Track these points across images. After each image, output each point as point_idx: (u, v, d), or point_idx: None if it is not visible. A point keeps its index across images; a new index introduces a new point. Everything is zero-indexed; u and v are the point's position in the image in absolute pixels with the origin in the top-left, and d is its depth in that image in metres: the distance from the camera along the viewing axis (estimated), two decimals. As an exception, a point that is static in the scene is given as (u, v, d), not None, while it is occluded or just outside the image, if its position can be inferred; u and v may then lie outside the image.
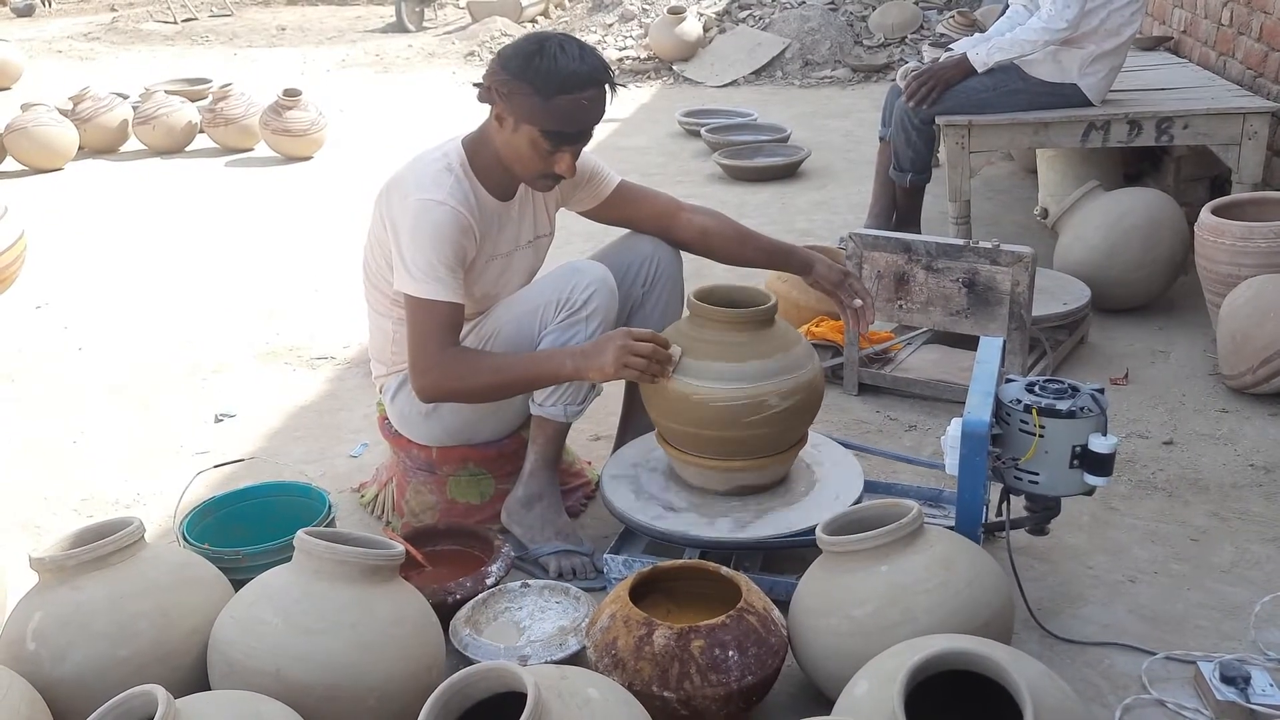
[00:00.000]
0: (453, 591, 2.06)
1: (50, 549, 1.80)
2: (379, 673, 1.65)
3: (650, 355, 2.06)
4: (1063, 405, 1.94)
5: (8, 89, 8.30)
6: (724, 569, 1.88)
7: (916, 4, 8.39)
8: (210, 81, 7.41)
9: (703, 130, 6.04)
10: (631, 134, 6.51)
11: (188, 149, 6.38)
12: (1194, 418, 2.83)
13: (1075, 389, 1.99)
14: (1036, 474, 1.98)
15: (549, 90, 2.04)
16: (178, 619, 1.76)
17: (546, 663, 1.86)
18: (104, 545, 1.77)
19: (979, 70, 3.56)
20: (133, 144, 6.39)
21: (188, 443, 2.93)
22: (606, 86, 2.12)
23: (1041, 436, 1.94)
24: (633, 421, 2.56)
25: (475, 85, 2.18)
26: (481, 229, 2.20)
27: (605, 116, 2.18)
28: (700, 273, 3.42)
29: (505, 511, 2.36)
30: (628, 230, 2.49)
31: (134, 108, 6.39)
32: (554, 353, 2.15)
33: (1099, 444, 1.93)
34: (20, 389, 3.30)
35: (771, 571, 2.16)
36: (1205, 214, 3.13)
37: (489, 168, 2.20)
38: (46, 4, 13.14)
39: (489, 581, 2.11)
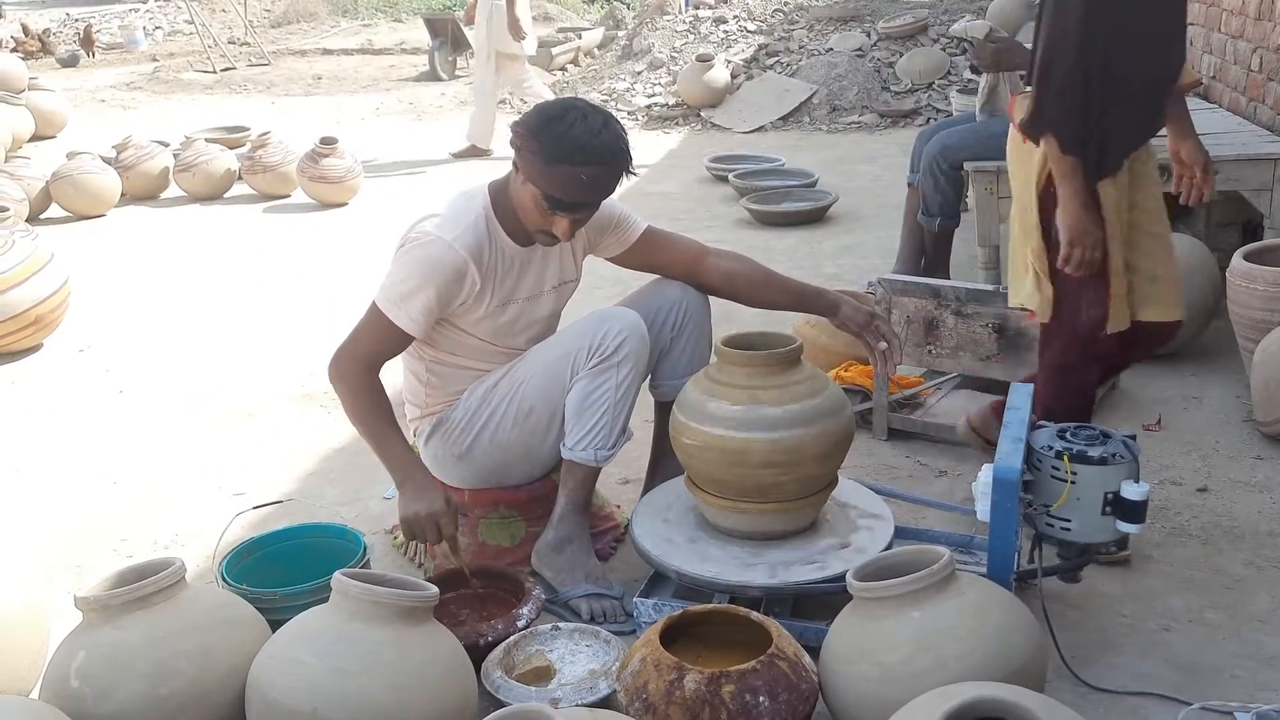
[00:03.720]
0: (484, 634, 2.08)
1: (94, 589, 1.84)
2: (414, 713, 1.67)
3: (425, 544, 2.20)
4: (1094, 452, 1.95)
5: (53, 138, 8.51)
6: (754, 614, 1.89)
7: (944, 50, 8.46)
8: (249, 130, 7.57)
9: (730, 175, 6.10)
10: (660, 179, 6.58)
11: (226, 195, 6.52)
12: (1228, 465, 2.81)
13: (1107, 435, 1.99)
14: (1068, 521, 1.98)
15: (551, 156, 2.08)
16: (217, 659, 1.78)
17: (578, 706, 1.87)
18: (146, 585, 1.80)
19: None
20: (173, 191, 6.54)
21: (225, 484, 2.98)
22: (615, 169, 2.13)
23: (1073, 483, 1.95)
24: (662, 465, 2.58)
25: (510, 127, 2.23)
26: (495, 272, 2.24)
27: (635, 162, 2.20)
28: (729, 317, 3.45)
29: (536, 554, 2.38)
30: (655, 276, 2.53)
31: (175, 155, 6.55)
32: (397, 457, 2.23)
33: (1131, 491, 1.93)
34: (63, 431, 3.37)
35: (801, 617, 2.16)
36: (1237, 260, 3.13)
37: (511, 213, 2.25)
38: (91, 54, 13.49)
39: (520, 624, 2.13)
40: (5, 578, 1.97)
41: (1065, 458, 1.95)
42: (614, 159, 2.12)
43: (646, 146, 7.29)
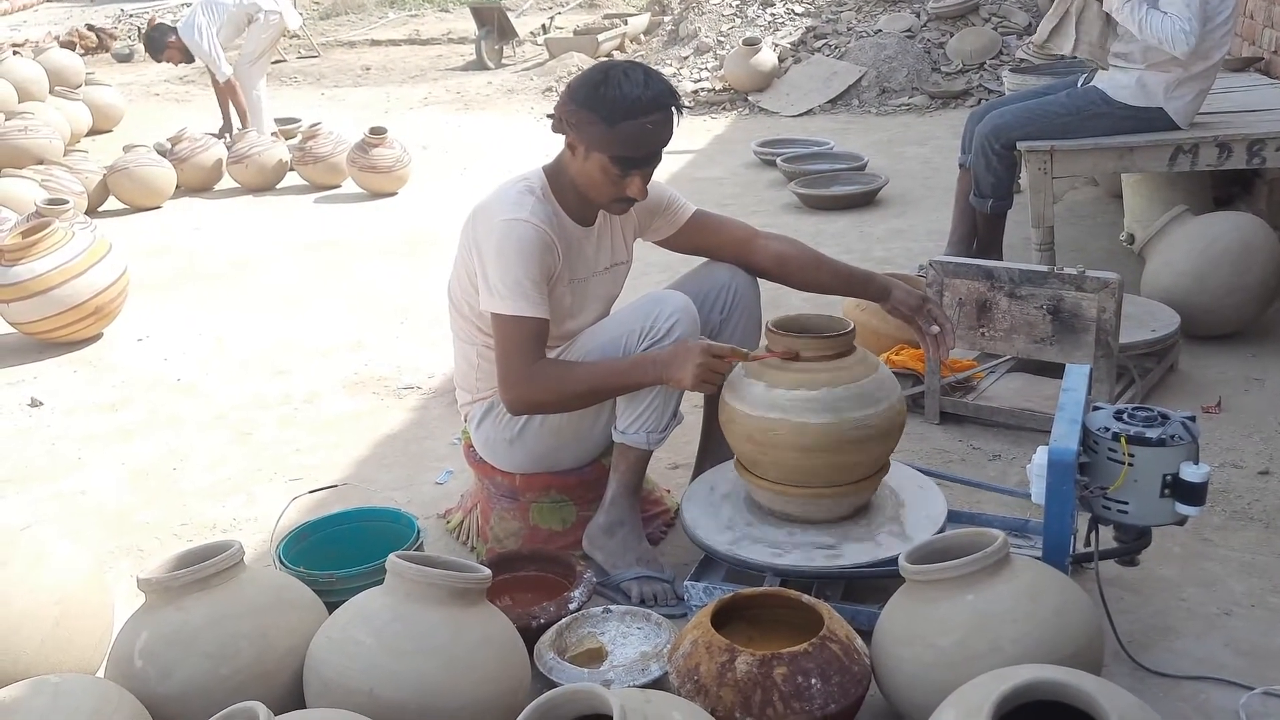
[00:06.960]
0: (537, 616, 2.10)
1: (156, 571, 1.88)
2: (468, 693, 1.69)
3: (728, 372, 2.13)
4: (1153, 433, 1.91)
5: (110, 131, 8.66)
6: (805, 597, 1.88)
7: (995, 30, 8.32)
8: (300, 121, 7.65)
9: (778, 160, 6.04)
10: (706, 165, 6.54)
11: (278, 186, 6.60)
12: (1292, 447, 2.75)
13: (1165, 416, 1.96)
14: (1126, 503, 1.95)
15: (614, 117, 2.10)
16: (276, 639, 1.82)
17: (630, 687, 1.88)
18: (207, 567, 1.84)
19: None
20: (227, 182, 6.64)
21: (281, 469, 3.03)
22: (672, 110, 2.16)
23: (1131, 465, 1.91)
24: (711, 449, 2.57)
25: (548, 116, 2.25)
26: (563, 248, 2.26)
27: (680, 148, 2.22)
28: (778, 301, 3.44)
29: (587, 538, 2.39)
30: (705, 259, 2.52)
31: (228, 147, 6.65)
32: (637, 361, 2.20)
33: (1191, 473, 1.89)
34: (123, 418, 3.45)
35: (853, 601, 2.15)
36: (1300, 238, 3.06)
37: (568, 194, 2.27)
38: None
39: (572, 606, 2.14)
40: (71, 561, 2.02)
41: (1122, 439, 1.92)
42: (669, 99, 2.16)
43: (693, 131, 7.25)
